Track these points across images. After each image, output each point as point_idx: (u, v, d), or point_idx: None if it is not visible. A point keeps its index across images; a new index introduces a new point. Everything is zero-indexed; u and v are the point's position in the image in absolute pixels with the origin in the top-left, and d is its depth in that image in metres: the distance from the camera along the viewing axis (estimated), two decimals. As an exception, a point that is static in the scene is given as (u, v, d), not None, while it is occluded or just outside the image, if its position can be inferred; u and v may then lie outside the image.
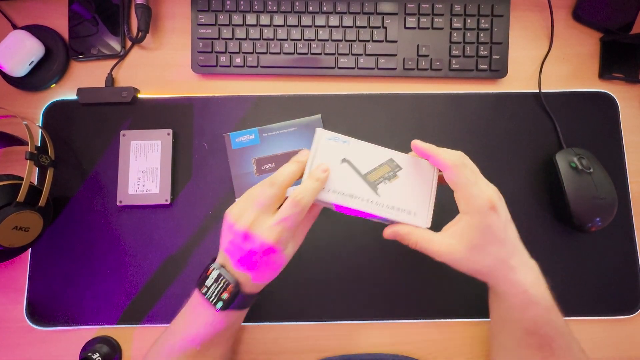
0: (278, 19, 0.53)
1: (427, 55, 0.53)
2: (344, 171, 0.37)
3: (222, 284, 0.36)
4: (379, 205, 0.36)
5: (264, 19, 0.53)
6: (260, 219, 0.34)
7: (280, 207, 0.35)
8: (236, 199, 0.48)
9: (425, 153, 0.36)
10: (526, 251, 0.37)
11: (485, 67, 0.53)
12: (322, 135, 0.37)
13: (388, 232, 0.37)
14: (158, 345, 0.39)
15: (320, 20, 0.53)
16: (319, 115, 0.50)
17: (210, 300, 0.36)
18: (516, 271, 0.35)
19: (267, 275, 0.37)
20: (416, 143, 0.36)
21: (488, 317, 0.41)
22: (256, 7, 0.53)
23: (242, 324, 0.47)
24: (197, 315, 0.37)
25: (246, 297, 0.36)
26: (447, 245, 0.34)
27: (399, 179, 0.37)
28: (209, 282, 0.36)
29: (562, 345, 0.36)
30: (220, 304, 0.35)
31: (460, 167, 0.34)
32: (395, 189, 0.37)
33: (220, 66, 0.53)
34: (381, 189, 0.36)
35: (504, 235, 0.35)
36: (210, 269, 0.36)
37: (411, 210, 0.36)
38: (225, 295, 0.35)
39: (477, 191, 0.34)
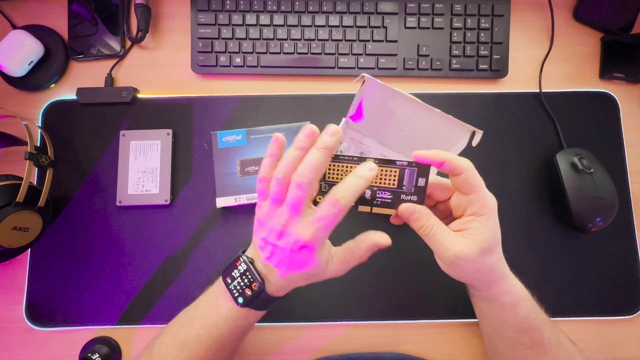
0: (278, 19, 0.53)
1: (427, 55, 0.53)
2: None
3: (248, 279, 0.35)
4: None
5: (264, 19, 0.53)
6: (294, 217, 0.32)
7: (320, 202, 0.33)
8: (217, 199, 0.48)
9: (436, 160, 0.33)
10: None
11: (485, 66, 0.53)
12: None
13: (405, 206, 0.34)
14: (174, 329, 0.39)
15: (320, 20, 0.53)
16: (308, 122, 0.50)
17: (233, 293, 0.35)
18: (506, 271, 0.36)
19: (294, 276, 0.35)
20: (421, 153, 0.33)
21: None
22: (256, 7, 0.53)
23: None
24: (218, 307, 0.37)
25: (268, 298, 0.36)
26: (461, 243, 0.33)
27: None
28: (235, 273, 0.36)
29: (553, 340, 0.37)
30: (241, 300, 0.35)
31: (474, 169, 0.33)
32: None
33: (220, 66, 0.53)
34: None
35: (500, 236, 0.35)
36: (240, 260, 0.36)
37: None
38: (248, 292, 0.35)
39: (489, 193, 0.34)
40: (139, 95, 0.53)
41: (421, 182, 0.34)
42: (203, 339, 0.37)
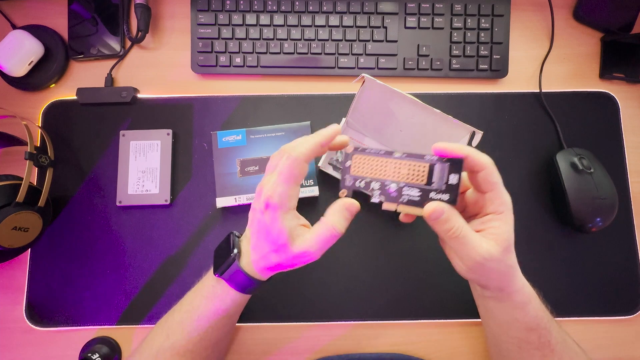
0: (278, 19, 0.53)
1: (427, 55, 0.53)
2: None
3: (228, 249, 0.36)
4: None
5: (264, 19, 0.53)
6: (271, 178, 0.34)
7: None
8: (217, 199, 0.48)
9: (458, 154, 0.31)
10: None
11: (485, 66, 0.53)
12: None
13: (433, 206, 0.31)
14: (165, 316, 0.40)
15: (320, 20, 0.53)
16: (308, 122, 0.50)
17: (214, 263, 0.37)
18: (518, 268, 0.35)
19: (261, 243, 0.34)
20: (443, 146, 0.31)
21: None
22: (256, 7, 0.53)
23: (243, 323, 0.47)
24: (202, 287, 0.38)
25: (242, 274, 0.35)
26: (487, 244, 0.32)
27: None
28: (222, 246, 0.37)
29: (559, 340, 0.37)
30: (217, 268, 0.36)
31: (494, 166, 0.32)
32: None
33: (220, 66, 0.53)
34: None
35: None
36: (230, 236, 0.38)
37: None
38: (223, 260, 0.36)
39: (506, 191, 0.33)
40: (139, 95, 0.53)
41: (453, 179, 0.31)
42: (186, 322, 0.37)
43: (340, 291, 0.48)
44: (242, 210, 0.50)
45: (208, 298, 0.37)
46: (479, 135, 0.38)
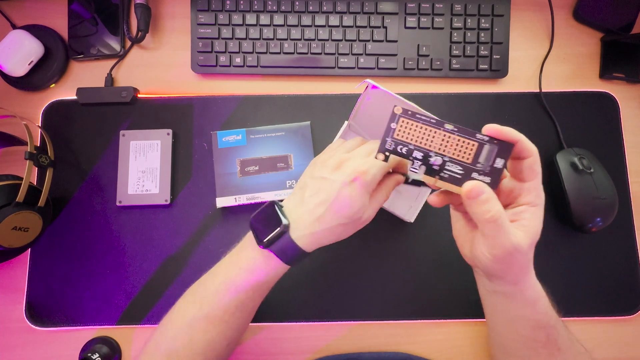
0: (278, 19, 0.53)
1: (427, 55, 0.53)
2: None
3: (274, 220, 0.35)
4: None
5: (264, 19, 0.53)
6: (358, 157, 0.35)
7: None
8: (217, 199, 0.48)
9: (511, 138, 0.31)
10: None
11: (485, 66, 0.53)
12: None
13: (473, 184, 0.30)
14: (196, 285, 0.39)
15: (320, 20, 0.53)
16: (308, 122, 0.50)
17: (256, 234, 0.35)
18: (532, 265, 0.35)
19: (332, 215, 0.34)
20: (496, 127, 0.31)
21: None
22: (256, 7, 0.53)
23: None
24: (240, 259, 0.37)
25: (293, 245, 0.35)
26: (518, 234, 0.31)
27: None
28: (262, 216, 0.36)
29: (566, 339, 0.36)
30: (264, 240, 0.35)
31: (539, 156, 0.32)
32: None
33: (220, 66, 0.53)
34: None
35: None
36: (269, 204, 0.36)
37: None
38: (271, 232, 0.35)
39: (541, 184, 0.32)
40: (139, 95, 0.53)
41: (499, 163, 0.30)
42: (222, 293, 0.36)
43: (340, 291, 0.48)
44: (242, 211, 0.50)
45: (248, 270, 0.36)
46: None
